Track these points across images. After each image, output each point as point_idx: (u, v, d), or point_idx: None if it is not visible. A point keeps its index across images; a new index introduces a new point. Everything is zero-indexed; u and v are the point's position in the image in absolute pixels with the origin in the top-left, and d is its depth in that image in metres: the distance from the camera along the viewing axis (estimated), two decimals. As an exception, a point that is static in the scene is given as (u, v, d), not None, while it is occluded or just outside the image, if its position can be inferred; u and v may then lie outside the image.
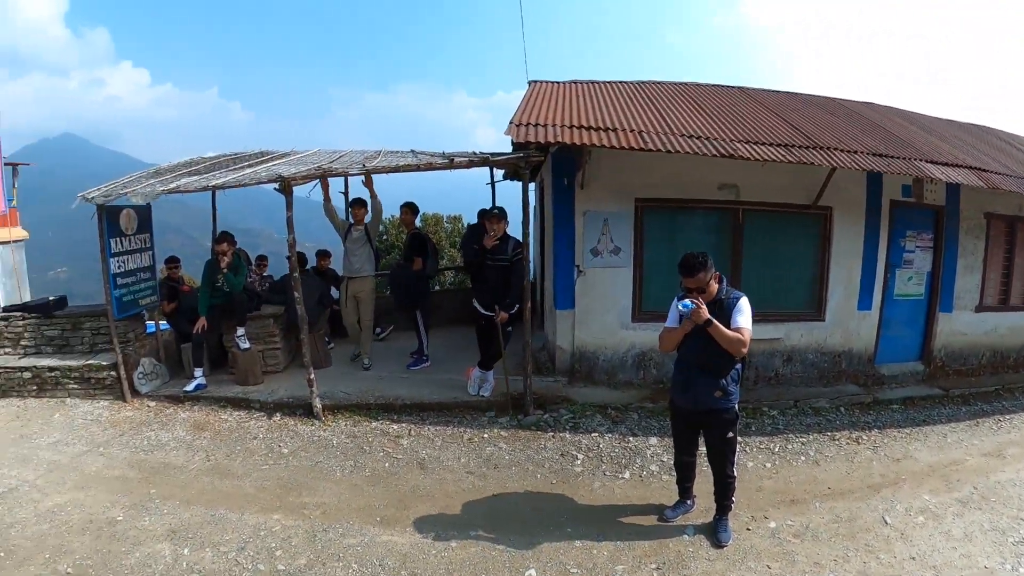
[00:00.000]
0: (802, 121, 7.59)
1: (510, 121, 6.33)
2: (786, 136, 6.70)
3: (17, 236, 14.95)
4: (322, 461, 5.64)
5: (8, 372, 7.44)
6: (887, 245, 7.22)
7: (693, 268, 3.91)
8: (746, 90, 9.34)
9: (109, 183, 7.11)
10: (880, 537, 4.23)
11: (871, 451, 5.49)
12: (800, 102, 9.10)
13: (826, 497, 4.74)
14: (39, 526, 4.77)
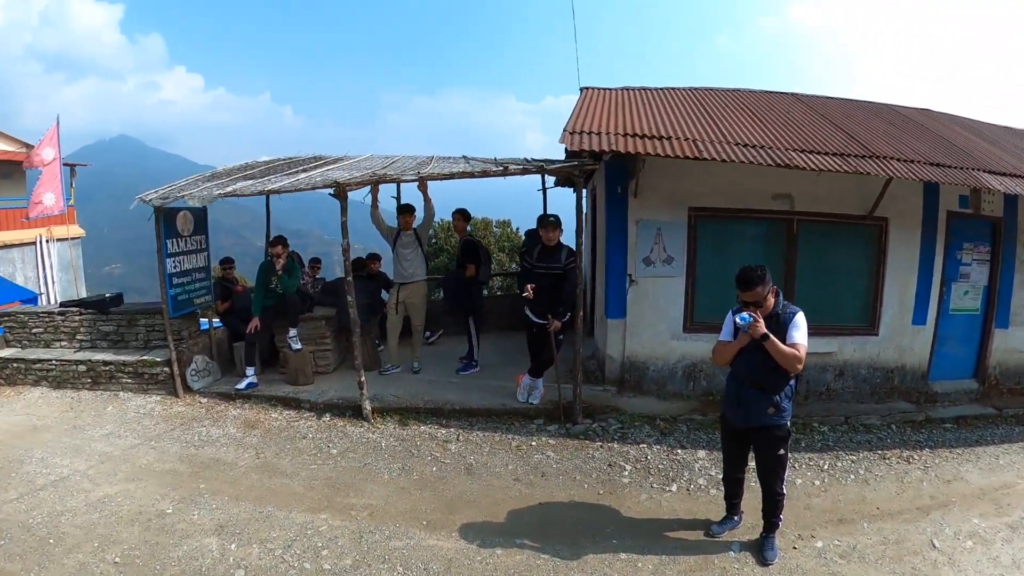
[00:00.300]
0: (857, 129, 7.41)
1: (564, 129, 6.30)
2: (841, 145, 6.54)
3: (74, 234, 15.51)
4: (370, 463, 5.68)
5: (64, 364, 7.70)
6: (943, 258, 6.99)
7: (751, 281, 3.83)
8: (799, 96, 9.17)
9: (166, 186, 7.30)
10: (928, 561, 4.10)
11: (922, 471, 5.32)
12: (854, 108, 8.89)
13: (875, 518, 4.61)
14: (89, 515, 4.90)
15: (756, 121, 7.26)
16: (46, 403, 7.33)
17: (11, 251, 15.61)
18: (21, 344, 8.33)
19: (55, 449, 6.09)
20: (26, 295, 14.17)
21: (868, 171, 5.88)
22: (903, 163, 6.22)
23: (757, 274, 3.82)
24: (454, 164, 6.65)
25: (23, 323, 8.35)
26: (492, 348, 8.30)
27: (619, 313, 6.75)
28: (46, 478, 5.51)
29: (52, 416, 6.95)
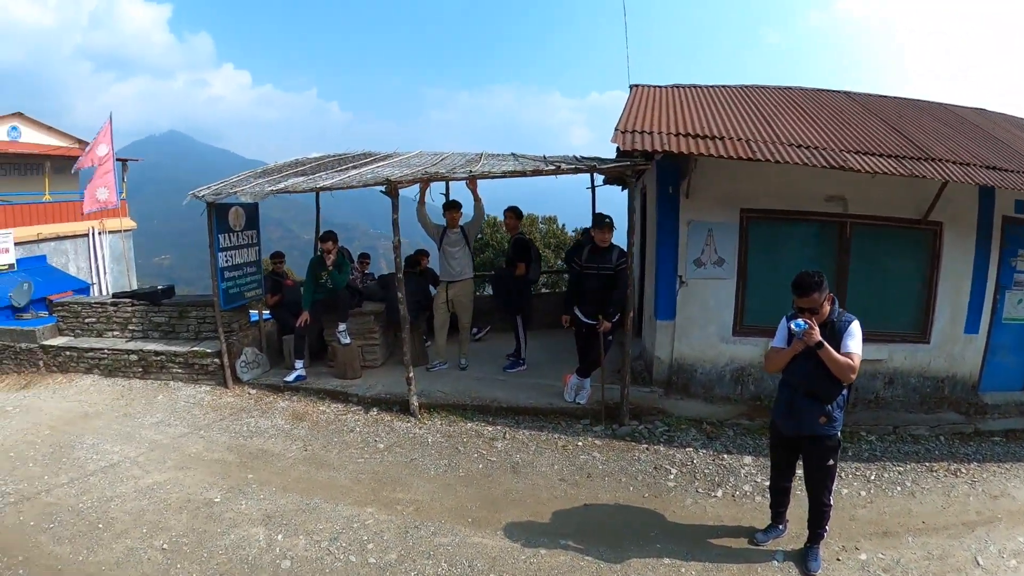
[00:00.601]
0: (911, 129, 7.20)
1: (615, 127, 6.26)
2: (896, 146, 6.36)
3: (126, 226, 15.98)
4: (417, 458, 5.71)
5: (116, 353, 7.92)
6: (997, 265, 6.71)
7: (808, 287, 3.74)
8: (851, 94, 8.95)
9: (219, 182, 7.44)
10: None
11: (968, 486, 5.14)
12: (908, 108, 8.63)
13: (920, 532, 4.48)
14: (138, 501, 5.02)
15: (809, 120, 7.11)
16: (97, 390, 7.55)
17: (64, 243, 16.15)
18: (74, 333, 8.59)
19: (106, 435, 6.26)
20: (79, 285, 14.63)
21: (924, 174, 5.70)
22: (959, 166, 6.02)
23: (815, 280, 3.74)
24: (503, 162, 6.64)
25: (76, 313, 8.62)
26: (539, 346, 8.27)
27: (668, 314, 6.67)
28: (96, 464, 5.67)
29: (103, 403, 7.15)
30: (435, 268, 8.41)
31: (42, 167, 16.91)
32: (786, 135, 6.37)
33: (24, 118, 16.76)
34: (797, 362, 3.89)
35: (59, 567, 4.18)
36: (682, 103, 7.48)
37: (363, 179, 6.37)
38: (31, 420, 6.65)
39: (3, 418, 6.78)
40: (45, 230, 15.74)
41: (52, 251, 15.76)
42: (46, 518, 4.76)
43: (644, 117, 6.66)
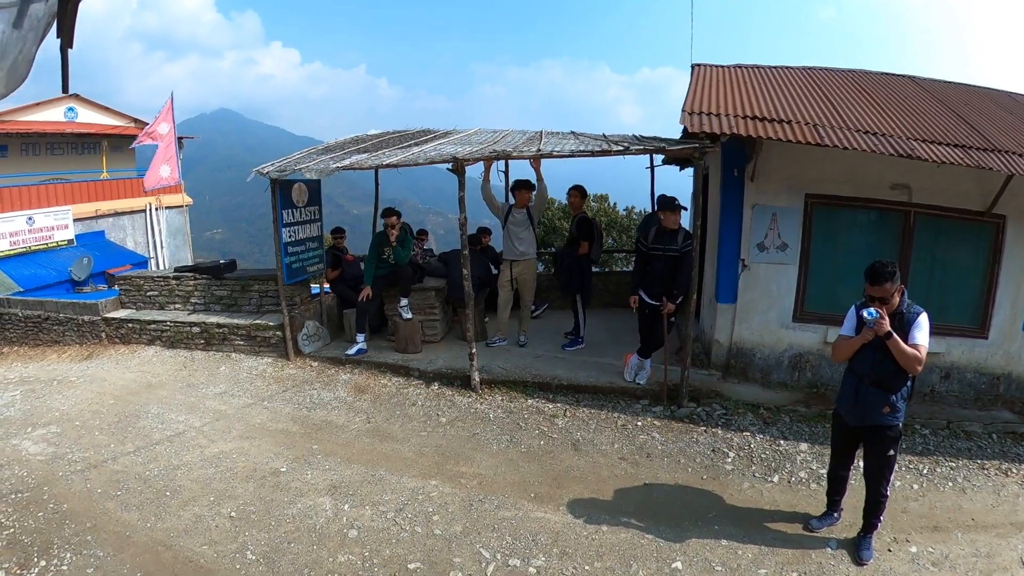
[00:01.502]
0: (978, 119, 6.97)
1: (682, 109, 6.22)
2: (963, 136, 6.18)
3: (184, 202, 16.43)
4: (479, 433, 5.80)
5: (178, 326, 8.16)
6: None
7: (882, 277, 3.71)
8: (916, 80, 8.69)
9: (282, 159, 7.58)
10: None
11: (1019, 486, 5.02)
12: (974, 96, 8.35)
13: (969, 528, 4.43)
14: (204, 470, 5.18)
15: (875, 106, 6.94)
16: (160, 361, 7.79)
17: (122, 218, 16.67)
18: (136, 306, 8.87)
19: (170, 405, 6.46)
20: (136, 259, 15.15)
21: (991, 166, 5.53)
22: None
23: (888, 270, 3.72)
24: (564, 140, 6.63)
25: (139, 286, 8.90)
26: (599, 325, 8.30)
27: (730, 298, 6.63)
28: (162, 432, 5.86)
29: (166, 374, 7.37)
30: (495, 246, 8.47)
31: (99, 146, 17.44)
32: (852, 120, 6.24)
33: (80, 99, 17.26)
34: (864, 352, 3.87)
35: (127, 534, 4.34)
36: (746, 84, 7.36)
37: (428, 156, 6.43)
38: (95, 390, 6.90)
39: (68, 388, 7.06)
40: (103, 206, 16.26)
41: (110, 227, 16.30)
42: (114, 485, 4.94)
43: (709, 98, 6.59)
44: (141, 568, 4.00)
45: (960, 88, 8.75)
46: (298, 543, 4.25)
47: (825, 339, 6.52)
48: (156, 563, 4.05)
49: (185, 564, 4.04)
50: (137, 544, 4.24)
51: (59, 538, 4.29)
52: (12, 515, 4.56)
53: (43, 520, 4.50)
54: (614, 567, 4.04)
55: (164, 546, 4.21)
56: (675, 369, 6.34)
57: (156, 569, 3.99)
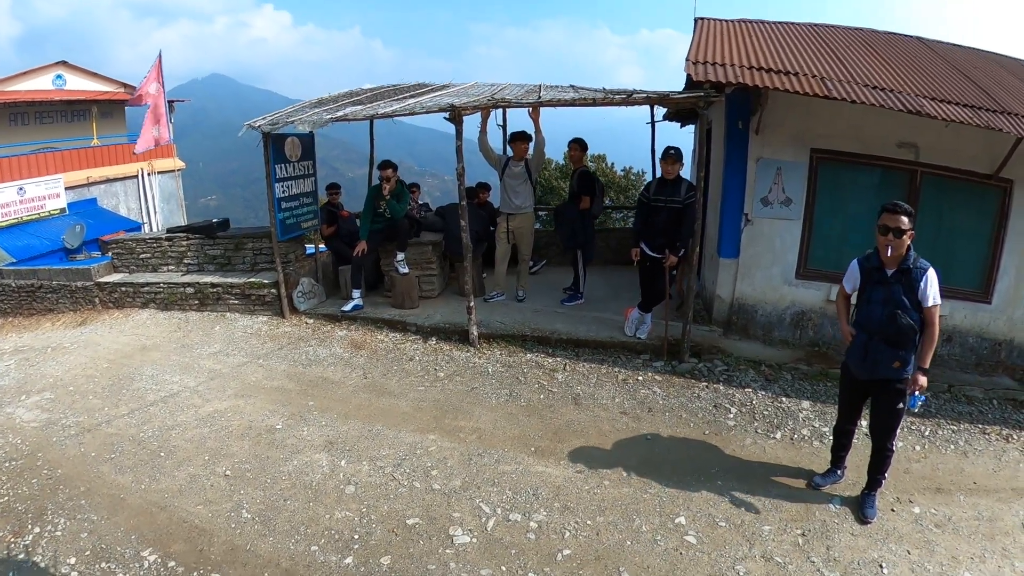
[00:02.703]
0: (988, 82, 6.82)
1: (686, 58, 6.07)
2: (972, 97, 6.04)
3: (176, 166, 16.20)
4: (477, 387, 5.74)
5: (171, 287, 8.04)
6: None
7: (901, 208, 3.65)
8: (924, 41, 8.53)
9: (274, 112, 7.41)
10: (1018, 544, 3.92)
11: (1020, 452, 4.99)
12: (983, 60, 8.19)
13: (971, 491, 4.41)
14: (199, 429, 5.11)
15: (882, 62, 6.79)
16: (154, 323, 7.69)
17: (114, 185, 16.42)
18: (129, 269, 8.74)
19: (164, 367, 6.37)
20: (130, 225, 14.93)
21: (1000, 127, 5.41)
22: None
23: (908, 208, 3.64)
24: (564, 92, 6.46)
25: (131, 249, 8.75)
26: (599, 281, 8.22)
27: (732, 253, 6.53)
28: (156, 394, 5.78)
29: (160, 336, 7.28)
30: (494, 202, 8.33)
31: (89, 112, 17.13)
32: (860, 75, 6.10)
33: (68, 66, 16.92)
34: (873, 308, 3.81)
35: (121, 496, 4.28)
36: (750, 37, 7.19)
37: (425, 106, 6.25)
38: (89, 355, 6.80)
39: (62, 354, 6.96)
40: (95, 173, 16.01)
41: (102, 193, 16.06)
42: (107, 448, 4.87)
43: (714, 49, 6.43)
44: (135, 530, 3.94)
45: (969, 51, 8.60)
46: (294, 500, 4.20)
47: (828, 297, 6.44)
48: (150, 525, 4.00)
49: (180, 525, 3.99)
50: (131, 506, 4.18)
51: (53, 504, 4.23)
52: (6, 483, 4.49)
53: (37, 486, 4.44)
54: (616, 521, 4.01)
55: (159, 507, 4.16)
56: (676, 324, 6.27)
57: (150, 531, 3.94)
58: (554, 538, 3.85)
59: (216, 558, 3.70)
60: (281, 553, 3.73)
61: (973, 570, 3.69)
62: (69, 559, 3.71)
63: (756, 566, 3.65)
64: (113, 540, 3.86)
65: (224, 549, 3.77)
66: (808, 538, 3.88)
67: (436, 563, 3.64)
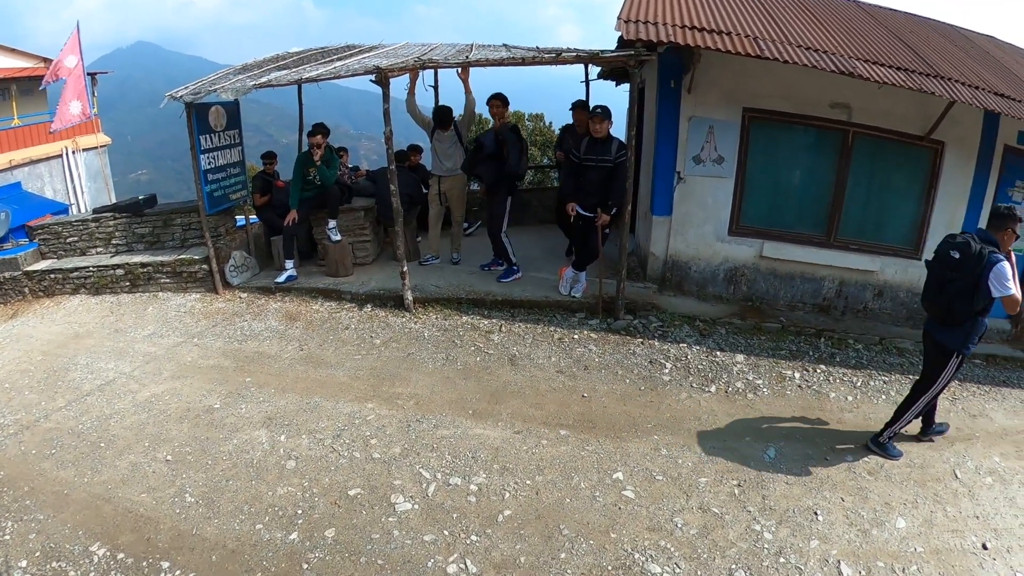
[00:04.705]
0: (923, 47, 7.00)
1: (618, 16, 6.01)
2: (906, 60, 6.19)
3: (101, 142, 15.41)
4: (414, 353, 5.70)
5: (101, 270, 7.70)
6: (995, 192, 6.65)
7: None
8: (861, 4, 8.69)
9: (197, 81, 7.11)
10: (949, 490, 4.16)
11: (949, 402, 5.25)
12: (919, 25, 8.40)
13: (902, 440, 4.61)
14: (137, 416, 4.98)
15: (818, 24, 6.89)
16: (86, 310, 7.37)
17: (38, 166, 15.54)
18: (57, 255, 8.32)
19: (99, 354, 6.16)
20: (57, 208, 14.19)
21: (932, 91, 5.57)
22: (968, 88, 5.90)
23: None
24: (495, 52, 6.35)
25: (57, 233, 8.32)
26: (532, 242, 8.19)
27: (665, 210, 6.60)
28: (92, 383, 5.59)
29: (93, 322, 7.00)
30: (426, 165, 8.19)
31: (8, 91, 16.10)
32: (794, 36, 6.18)
33: (-19, 42, 15.84)
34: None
35: (65, 492, 4.16)
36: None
37: (351, 69, 6.06)
38: (22, 348, 6.50)
39: None
40: (17, 156, 15.06)
41: (27, 176, 15.15)
42: (47, 444, 4.71)
43: (647, 8, 6.39)
44: (82, 526, 3.84)
45: (905, 16, 8.79)
46: (236, 480, 4.15)
47: (761, 253, 6.59)
48: (97, 518, 3.90)
49: (125, 515, 3.90)
50: (76, 501, 4.06)
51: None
52: None
53: None
54: (556, 480, 4.06)
55: (103, 499, 4.05)
56: (610, 282, 6.31)
57: (97, 524, 3.85)
58: (495, 500, 3.90)
59: (164, 545, 3.65)
60: (227, 534, 3.70)
61: (906, 515, 3.87)
62: (20, 562, 3.60)
63: (694, 517, 3.77)
64: (61, 538, 3.76)
65: (171, 536, 3.72)
66: (744, 488, 4.01)
67: (380, 532, 3.66)
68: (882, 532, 3.73)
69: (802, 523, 3.75)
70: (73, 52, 11.31)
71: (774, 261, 6.64)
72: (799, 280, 6.72)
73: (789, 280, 6.72)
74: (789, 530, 3.69)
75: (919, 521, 3.83)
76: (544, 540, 3.57)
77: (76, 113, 11.14)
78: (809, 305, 6.79)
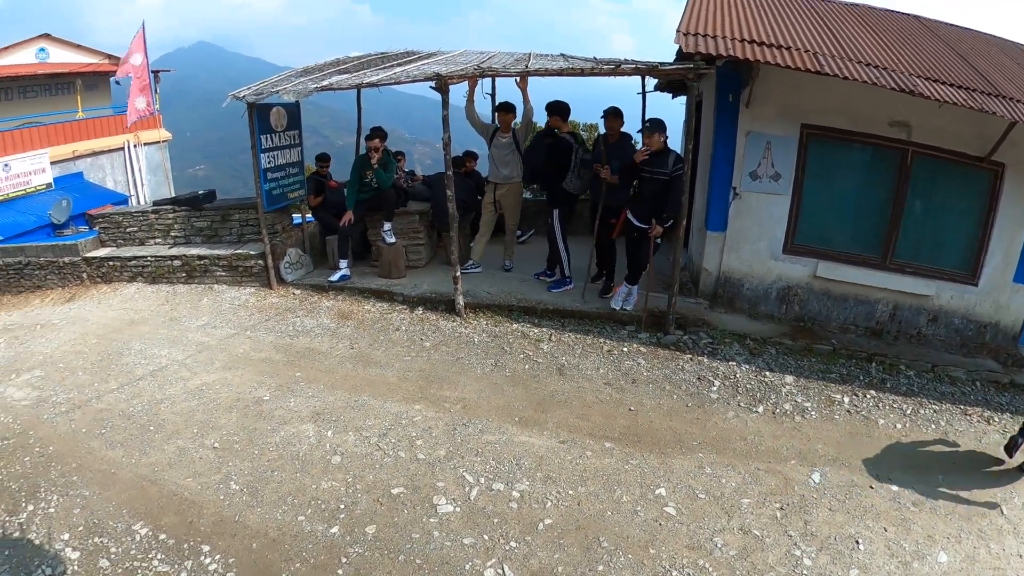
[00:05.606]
0: (984, 64, 6.78)
1: (677, 29, 6.00)
2: (967, 78, 6.00)
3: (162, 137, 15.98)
4: (463, 357, 5.74)
5: (159, 260, 7.96)
6: None
7: None
8: (921, 19, 8.47)
9: (259, 82, 7.31)
10: (994, 526, 4.00)
11: (1000, 435, 5.03)
12: (979, 41, 8.15)
13: (950, 471, 4.48)
14: (188, 402, 5.11)
15: (877, 40, 6.73)
16: (142, 297, 7.63)
17: (100, 158, 16.18)
18: (116, 243, 8.63)
19: (153, 340, 6.35)
20: (117, 198, 14.75)
21: (994, 111, 5.39)
22: None
23: None
24: (553, 62, 6.39)
25: (118, 223, 8.63)
26: (583, 251, 7.92)
27: (719, 226, 6.53)
28: (145, 368, 5.75)
29: (148, 309, 7.23)
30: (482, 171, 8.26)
31: (73, 85, 16.80)
32: (854, 52, 6.05)
33: (51, 39, 16.50)
34: None
35: (112, 471, 4.29)
36: (744, 9, 7.10)
37: (411, 75, 6.18)
38: (78, 331, 6.74)
39: (51, 331, 6.90)
40: (80, 147, 15.74)
41: (89, 167, 15.82)
42: (98, 424, 4.87)
43: (706, 20, 6.35)
44: (127, 504, 3.97)
45: (966, 32, 8.54)
46: (281, 471, 4.23)
47: (814, 273, 6.46)
48: (142, 498, 4.02)
49: (170, 497, 4.01)
50: (122, 481, 4.19)
51: (46, 481, 4.23)
52: None
53: (29, 464, 4.43)
54: (598, 492, 4.05)
55: (149, 481, 4.18)
56: (661, 296, 6.28)
57: (141, 504, 3.97)
58: (536, 508, 3.90)
59: (206, 529, 3.74)
60: (269, 524, 3.77)
61: (948, 550, 3.75)
62: (63, 535, 3.73)
63: (734, 538, 3.70)
64: (105, 515, 3.88)
65: (213, 521, 3.80)
66: (786, 512, 3.93)
67: (420, 532, 3.69)
68: (923, 565, 3.63)
69: (843, 551, 3.67)
70: (139, 51, 11.75)
71: (828, 281, 6.50)
72: (852, 302, 6.56)
73: (842, 302, 6.58)
74: (829, 557, 3.62)
75: (961, 556, 3.72)
76: (583, 551, 3.57)
77: (141, 108, 11.56)
78: (861, 328, 6.62)
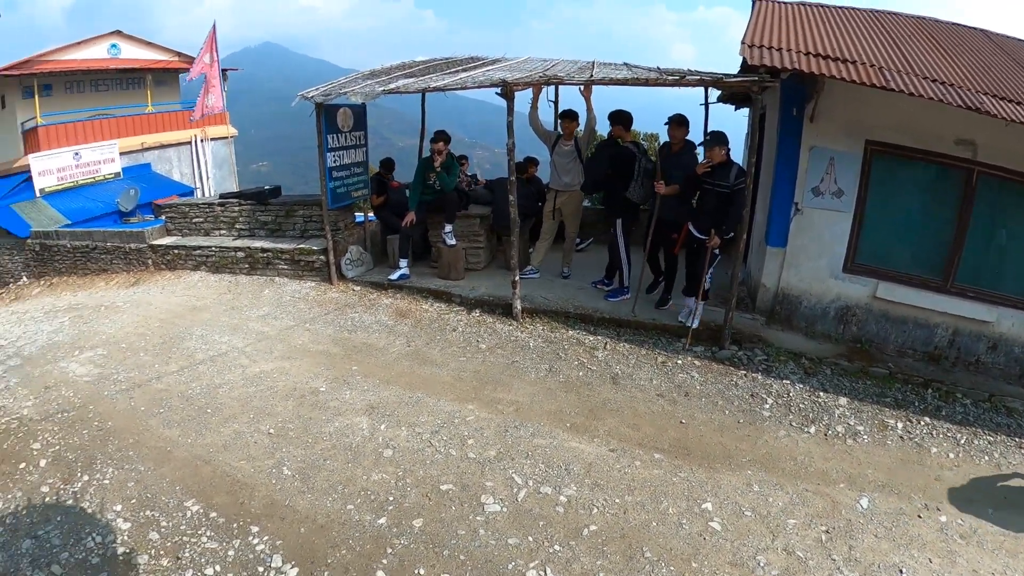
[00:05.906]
0: None
1: (742, 41, 5.99)
2: None
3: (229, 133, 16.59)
4: (518, 361, 5.83)
5: (223, 251, 8.30)
6: None
7: None
8: (989, 34, 8.22)
9: (327, 83, 7.54)
10: None
11: None
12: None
13: (1000, 506, 4.31)
14: (245, 389, 5.29)
15: (944, 55, 6.57)
16: (205, 286, 7.95)
17: (168, 151, 16.88)
18: (181, 232, 9.03)
19: (214, 327, 6.59)
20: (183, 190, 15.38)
21: None
22: None
23: None
24: (617, 71, 6.45)
25: (184, 213, 9.04)
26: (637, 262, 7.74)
27: (780, 242, 6.46)
28: (205, 353, 5.99)
29: (211, 297, 7.52)
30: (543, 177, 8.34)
31: (143, 80, 17.54)
32: (920, 67, 5.92)
33: (123, 35, 17.24)
34: None
35: (168, 449, 4.46)
36: (809, 22, 7.03)
37: (477, 80, 6.31)
38: (141, 314, 7.05)
39: (115, 313, 7.24)
40: (149, 139, 16.46)
41: (156, 159, 16.53)
42: (156, 404, 5.07)
43: (771, 33, 6.31)
44: (180, 482, 4.13)
45: (1034, 45, 8.27)
46: (333, 460, 4.35)
47: (874, 293, 6.34)
48: (195, 477, 4.18)
49: (223, 478, 4.16)
50: (177, 459, 4.36)
51: (102, 454, 4.43)
52: (58, 433, 4.71)
53: (87, 437, 4.65)
54: (644, 502, 4.06)
55: (203, 461, 4.34)
56: (718, 311, 6.27)
57: (194, 482, 4.12)
58: (582, 513, 3.93)
59: (256, 511, 3.86)
60: (318, 510, 3.88)
61: None
62: (115, 506, 3.90)
63: (777, 558, 3.67)
64: (158, 490, 4.04)
65: (264, 503, 3.93)
66: (832, 536, 3.88)
67: (466, 528, 3.75)
68: (965, 600, 3.51)
69: (885, 580, 3.58)
70: (210, 50, 12.22)
71: (887, 303, 6.36)
72: (911, 325, 6.40)
73: (901, 324, 6.42)
74: (871, 585, 3.54)
75: (1006, 593, 3.59)
76: (625, 560, 3.58)
77: (210, 105, 12.03)
78: (919, 352, 6.42)
